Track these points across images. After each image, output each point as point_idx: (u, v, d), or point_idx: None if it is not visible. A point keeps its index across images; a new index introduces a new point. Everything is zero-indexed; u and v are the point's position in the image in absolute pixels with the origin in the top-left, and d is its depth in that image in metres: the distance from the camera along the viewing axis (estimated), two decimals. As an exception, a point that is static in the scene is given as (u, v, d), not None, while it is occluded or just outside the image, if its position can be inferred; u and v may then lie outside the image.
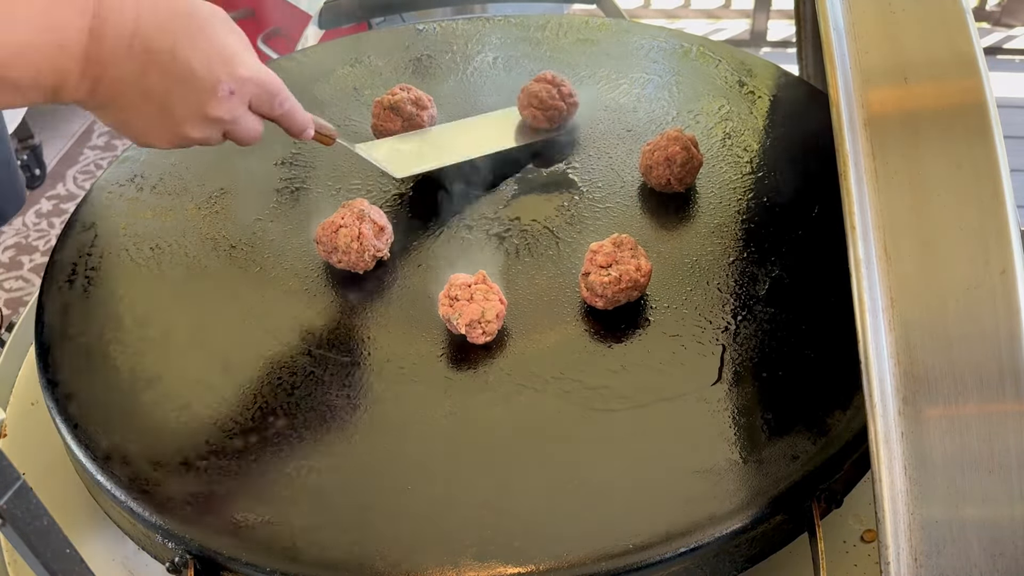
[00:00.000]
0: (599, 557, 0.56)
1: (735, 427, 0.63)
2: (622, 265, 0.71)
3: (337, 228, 0.76)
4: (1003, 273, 0.45)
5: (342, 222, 0.76)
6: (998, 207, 0.46)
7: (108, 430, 0.66)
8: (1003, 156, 0.47)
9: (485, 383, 0.68)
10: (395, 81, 1.03)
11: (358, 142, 0.87)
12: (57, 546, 0.46)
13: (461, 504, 0.60)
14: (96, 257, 0.81)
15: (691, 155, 0.84)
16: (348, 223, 0.76)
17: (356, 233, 0.76)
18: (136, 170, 0.92)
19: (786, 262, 0.77)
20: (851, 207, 0.47)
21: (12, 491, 0.42)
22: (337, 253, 0.77)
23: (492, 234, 0.82)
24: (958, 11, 0.51)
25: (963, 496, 0.44)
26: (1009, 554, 0.44)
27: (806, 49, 1.17)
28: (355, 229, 0.76)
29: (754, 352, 0.69)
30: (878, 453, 0.45)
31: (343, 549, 0.57)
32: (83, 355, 0.72)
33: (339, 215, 0.77)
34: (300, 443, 0.65)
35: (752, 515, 0.58)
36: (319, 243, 0.78)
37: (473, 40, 1.13)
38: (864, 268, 0.46)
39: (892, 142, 0.48)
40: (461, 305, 0.69)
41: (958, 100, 0.49)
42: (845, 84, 0.50)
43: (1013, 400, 0.44)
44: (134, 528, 0.63)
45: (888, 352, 0.45)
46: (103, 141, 2.65)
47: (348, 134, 0.97)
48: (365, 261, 0.77)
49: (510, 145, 0.91)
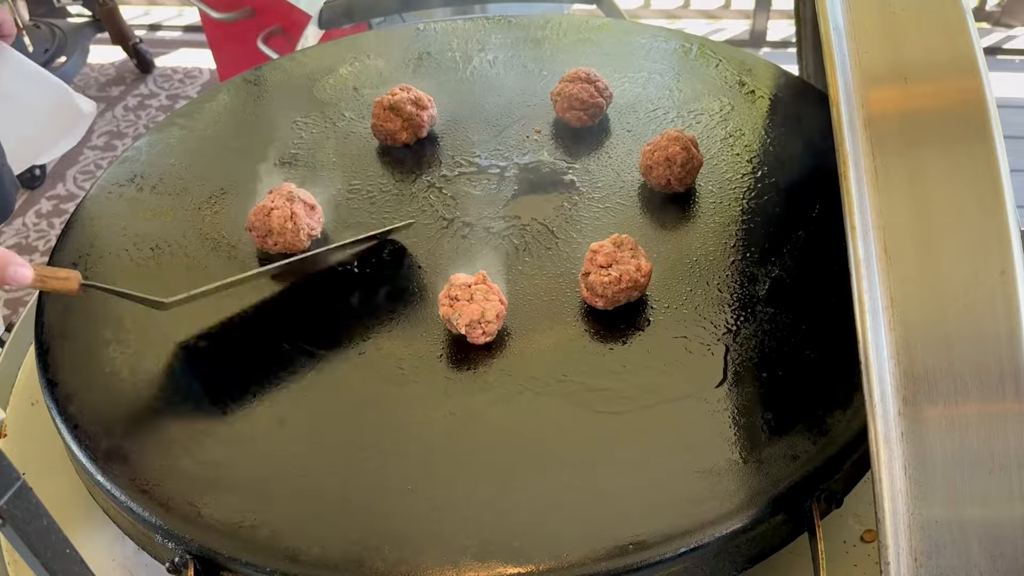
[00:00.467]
0: (599, 557, 0.56)
1: (735, 427, 0.63)
2: (622, 265, 0.72)
3: (269, 211, 0.77)
4: (1003, 273, 0.45)
5: (273, 204, 0.77)
6: (998, 207, 0.46)
7: (108, 430, 0.66)
8: (1003, 156, 0.46)
9: (485, 383, 0.68)
10: (395, 81, 1.03)
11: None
12: (57, 546, 0.46)
13: (461, 504, 0.60)
14: (96, 257, 0.81)
15: (691, 155, 0.84)
16: (279, 205, 0.77)
17: (288, 213, 0.76)
18: (136, 170, 0.92)
19: (786, 262, 0.77)
20: (851, 207, 0.47)
21: (12, 491, 0.42)
22: (272, 236, 0.77)
23: (492, 234, 0.82)
24: (958, 11, 0.51)
25: (963, 496, 0.44)
26: (1009, 554, 0.44)
27: (806, 49, 1.17)
28: (287, 210, 0.76)
29: (754, 352, 0.69)
30: (878, 453, 0.45)
31: (343, 549, 0.57)
32: (83, 355, 0.72)
33: (268, 199, 0.78)
34: (300, 443, 0.65)
35: (752, 515, 0.58)
36: (252, 229, 0.78)
37: (473, 40, 1.13)
38: (864, 268, 0.46)
39: (892, 142, 0.48)
40: (461, 305, 0.69)
41: (958, 100, 0.49)
42: (845, 84, 0.50)
43: (1013, 400, 0.44)
44: (134, 528, 0.63)
45: (888, 352, 0.45)
46: (103, 141, 2.65)
47: (347, 133, 0.97)
48: (300, 240, 0.77)
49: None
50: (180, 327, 0.74)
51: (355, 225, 0.84)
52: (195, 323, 0.74)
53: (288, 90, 1.05)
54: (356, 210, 0.86)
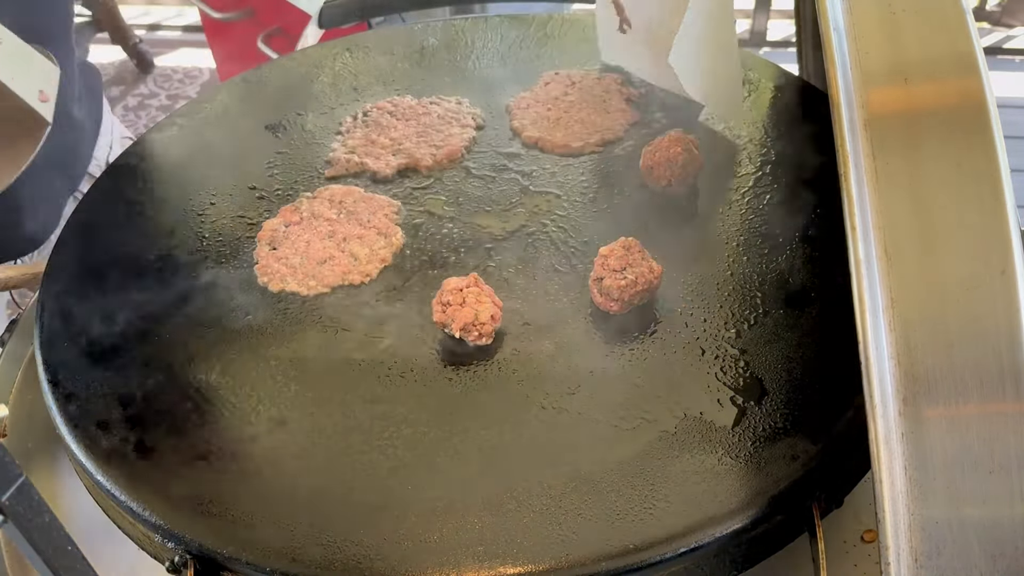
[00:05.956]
0: (599, 557, 0.56)
1: (736, 427, 0.63)
2: (635, 268, 0.71)
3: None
4: (1003, 273, 0.45)
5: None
6: (998, 207, 0.46)
7: (108, 430, 0.66)
8: (1003, 156, 0.46)
9: (485, 384, 0.68)
10: (395, 81, 1.03)
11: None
12: (59, 543, 0.46)
13: (461, 504, 0.60)
14: (96, 257, 0.81)
15: (692, 156, 0.84)
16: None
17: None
18: (136, 170, 0.92)
19: (787, 262, 0.77)
20: (851, 207, 0.47)
21: (14, 488, 0.42)
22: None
23: (492, 235, 0.82)
24: (958, 11, 0.51)
25: (963, 496, 0.44)
26: (1009, 554, 0.44)
27: (806, 49, 1.17)
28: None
29: (755, 352, 0.69)
30: (878, 453, 0.45)
31: (343, 549, 0.57)
32: (83, 355, 0.72)
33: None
34: (299, 444, 0.65)
35: (752, 515, 0.58)
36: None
37: (473, 40, 1.13)
38: (864, 268, 0.46)
39: (892, 142, 0.48)
40: (454, 310, 0.69)
41: (958, 100, 0.49)
42: (845, 84, 0.50)
43: (1013, 400, 0.44)
44: (134, 528, 0.63)
45: (888, 352, 0.45)
46: (103, 141, 2.64)
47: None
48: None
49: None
50: (180, 327, 0.74)
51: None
52: (195, 323, 0.74)
53: (288, 89, 1.05)
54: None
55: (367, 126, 0.96)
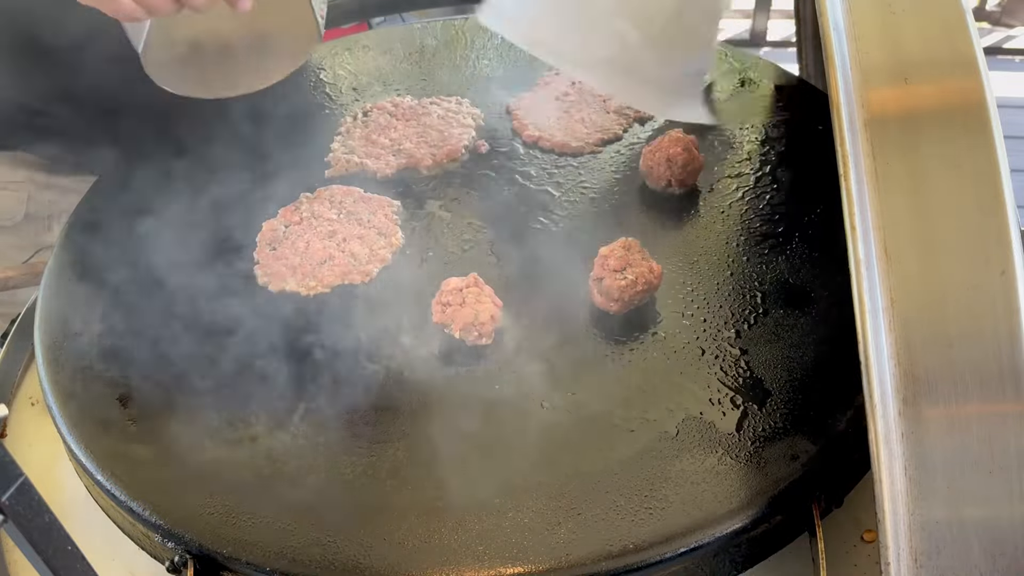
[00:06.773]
0: (599, 557, 0.56)
1: (736, 427, 0.63)
2: (636, 268, 0.71)
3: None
4: (1003, 273, 0.45)
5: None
6: (998, 207, 0.46)
7: (108, 430, 0.66)
8: (1003, 156, 0.47)
9: (485, 385, 0.68)
10: (395, 81, 1.03)
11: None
12: (59, 543, 0.46)
13: (461, 504, 0.60)
14: (96, 257, 0.81)
15: (692, 156, 0.84)
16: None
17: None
18: (136, 171, 0.92)
19: (787, 263, 0.77)
20: (851, 207, 0.47)
21: (14, 488, 0.42)
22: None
23: (492, 234, 0.82)
24: (958, 11, 0.51)
25: (963, 496, 0.44)
26: (1009, 554, 0.44)
27: (806, 49, 1.17)
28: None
29: (755, 352, 0.69)
30: (878, 453, 0.45)
31: (343, 549, 0.57)
32: (83, 355, 0.72)
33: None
34: (299, 444, 0.65)
35: (752, 515, 0.58)
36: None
37: (473, 40, 1.13)
38: (864, 268, 0.46)
39: (892, 142, 0.48)
40: (454, 311, 0.69)
41: (958, 100, 0.49)
42: (845, 84, 0.50)
43: (1013, 400, 0.44)
44: (134, 528, 0.63)
45: (888, 352, 0.45)
46: (103, 141, 2.64)
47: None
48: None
49: None
50: (180, 328, 0.74)
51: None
52: (195, 324, 0.74)
53: (288, 89, 1.05)
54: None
55: (367, 126, 0.96)
